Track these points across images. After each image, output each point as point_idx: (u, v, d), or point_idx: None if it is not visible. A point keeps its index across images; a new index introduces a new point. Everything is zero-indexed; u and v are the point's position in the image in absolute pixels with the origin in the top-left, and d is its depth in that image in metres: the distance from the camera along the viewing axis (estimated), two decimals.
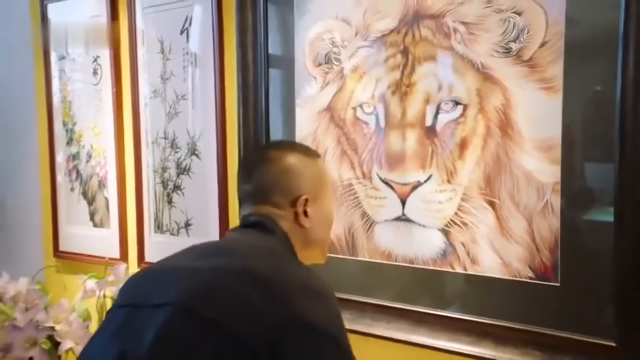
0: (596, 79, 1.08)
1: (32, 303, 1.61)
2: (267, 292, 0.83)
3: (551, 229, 1.12)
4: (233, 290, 0.84)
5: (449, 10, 1.22)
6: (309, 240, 1.04)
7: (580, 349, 1.10)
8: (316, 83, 1.44)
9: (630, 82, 1.02)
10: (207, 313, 0.82)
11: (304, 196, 1.01)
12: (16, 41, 2.12)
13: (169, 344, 0.82)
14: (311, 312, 0.84)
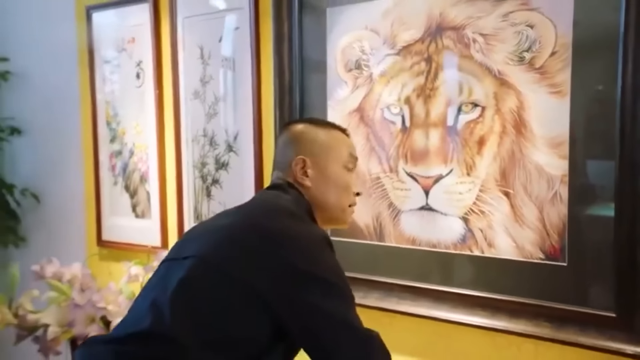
0: (599, 82, 1.24)
1: (87, 285, 1.78)
2: (271, 245, 1.00)
3: (559, 215, 1.28)
4: (243, 244, 1.01)
5: (469, 23, 1.38)
6: (318, 201, 1.17)
7: (584, 320, 1.26)
8: (347, 87, 1.60)
9: (629, 83, 1.18)
10: (219, 263, 1.00)
11: (300, 156, 1.16)
12: (62, 46, 2.29)
13: (187, 289, 0.99)
14: (309, 261, 1.00)
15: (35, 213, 2.44)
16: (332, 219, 1.21)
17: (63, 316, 1.72)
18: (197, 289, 1.00)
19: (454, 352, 1.46)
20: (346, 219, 1.23)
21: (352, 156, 1.22)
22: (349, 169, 1.21)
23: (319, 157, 1.18)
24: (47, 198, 2.42)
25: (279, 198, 1.14)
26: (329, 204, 1.18)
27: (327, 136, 1.21)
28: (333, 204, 1.19)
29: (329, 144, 1.20)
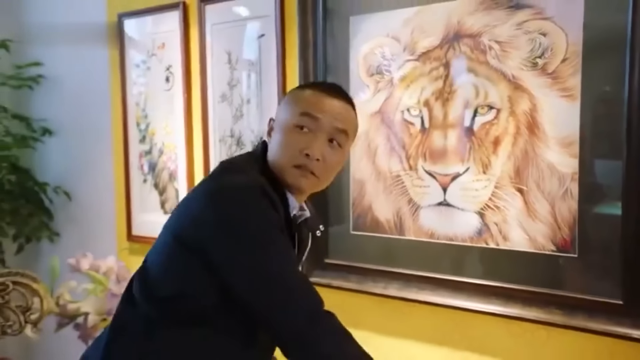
0: (607, 85, 1.34)
1: (122, 277, 1.88)
2: (199, 199, 1.07)
3: (570, 210, 1.38)
4: (185, 203, 1.12)
5: (485, 31, 1.48)
6: (270, 160, 1.17)
7: (593, 307, 1.35)
8: (369, 90, 1.70)
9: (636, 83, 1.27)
10: (167, 223, 1.13)
11: (271, 117, 1.22)
12: (93, 51, 2.40)
13: (148, 254, 1.15)
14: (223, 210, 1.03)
15: (66, 210, 2.56)
16: (282, 180, 1.15)
17: (101, 305, 1.83)
18: (151, 252, 1.15)
19: (470, 338, 1.56)
20: (289, 180, 1.15)
21: (305, 114, 1.14)
22: (299, 128, 1.14)
23: (278, 115, 1.19)
24: (78, 195, 2.54)
25: (236, 157, 1.24)
26: (274, 163, 1.16)
27: (292, 95, 1.21)
28: (276, 163, 1.16)
29: (288, 102, 1.19)
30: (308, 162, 1.14)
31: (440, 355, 1.60)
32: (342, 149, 1.18)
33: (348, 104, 1.20)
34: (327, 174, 1.18)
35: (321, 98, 1.17)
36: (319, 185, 1.19)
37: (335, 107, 1.17)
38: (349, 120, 1.19)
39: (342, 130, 1.17)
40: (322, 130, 1.14)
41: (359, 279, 1.73)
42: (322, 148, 1.14)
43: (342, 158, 1.20)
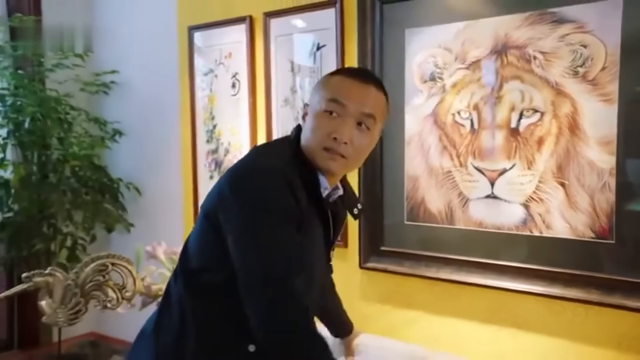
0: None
1: None
2: (225, 178, 1.15)
3: (608, 202, 1.56)
4: (217, 182, 1.19)
5: (530, 43, 1.66)
6: (302, 143, 1.22)
7: (628, 287, 1.53)
8: (422, 95, 1.90)
9: None
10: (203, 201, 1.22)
11: (306, 102, 1.28)
12: (164, 60, 2.64)
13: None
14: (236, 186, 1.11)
15: (137, 204, 2.80)
16: (313, 162, 1.21)
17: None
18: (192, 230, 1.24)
19: (515, 317, 1.74)
20: (319, 162, 1.20)
21: (333, 100, 1.19)
22: (329, 113, 1.19)
23: (311, 101, 1.24)
24: (148, 191, 2.78)
25: (272, 141, 1.39)
26: (306, 146, 1.21)
27: (323, 81, 1.25)
28: (307, 146, 1.21)
29: (318, 88, 1.23)
30: (336, 145, 1.18)
31: (487, 333, 1.79)
32: (370, 132, 1.22)
33: (376, 89, 1.23)
34: (356, 156, 1.22)
35: (348, 84, 1.21)
36: (349, 167, 1.24)
37: (363, 92, 1.21)
38: (376, 105, 1.22)
39: (369, 115, 1.20)
40: (349, 115, 1.19)
41: (412, 264, 1.93)
42: (350, 132, 1.18)
43: (371, 140, 1.24)
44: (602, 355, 1.59)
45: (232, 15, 2.36)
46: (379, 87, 1.25)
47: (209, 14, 2.45)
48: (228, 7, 2.38)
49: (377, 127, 1.24)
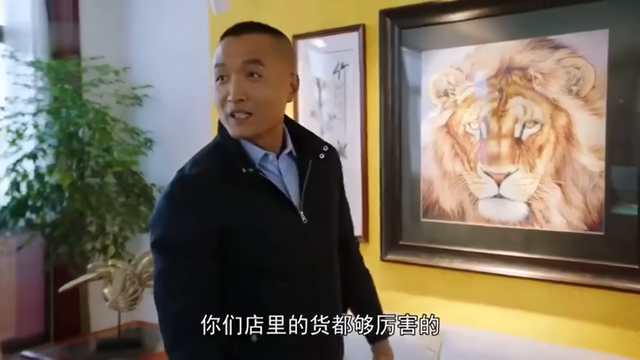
0: (627, 108, 1.80)
1: None
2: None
3: (598, 200, 1.84)
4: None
5: (531, 65, 1.95)
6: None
7: (617, 271, 1.81)
8: (437, 109, 2.18)
9: None
10: None
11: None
12: (195, 74, 2.90)
13: None
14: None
15: None
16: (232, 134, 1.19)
17: None
18: None
19: (519, 299, 2.01)
20: (231, 132, 1.18)
21: (216, 66, 1.17)
22: (220, 80, 1.17)
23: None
24: None
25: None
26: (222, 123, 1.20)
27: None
28: (221, 122, 1.20)
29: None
30: (235, 106, 1.14)
31: (495, 314, 2.06)
32: (264, 78, 1.15)
33: (251, 33, 1.18)
34: (262, 107, 1.16)
35: (223, 44, 1.18)
36: (261, 122, 1.17)
37: (236, 43, 1.16)
38: (254, 48, 1.16)
39: (252, 61, 1.15)
40: (232, 71, 1.14)
41: (427, 256, 2.20)
42: (240, 87, 1.13)
43: (268, 85, 1.16)
44: (594, 330, 1.87)
45: None
46: (256, 30, 1.19)
47: None
48: None
49: (271, 69, 1.17)
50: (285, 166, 1.26)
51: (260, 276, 1.20)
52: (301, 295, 1.23)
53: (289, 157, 1.28)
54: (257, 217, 1.19)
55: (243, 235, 1.19)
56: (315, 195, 1.27)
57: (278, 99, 1.21)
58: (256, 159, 1.22)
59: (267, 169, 1.24)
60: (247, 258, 1.20)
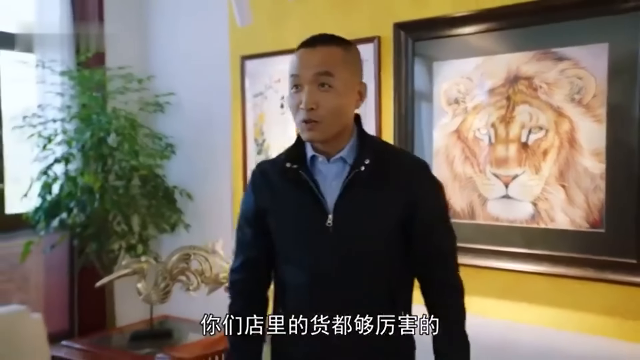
0: (625, 115, 1.95)
1: None
2: None
3: (599, 199, 1.99)
4: None
5: (536, 75, 2.11)
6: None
7: (616, 265, 1.96)
8: (448, 116, 2.33)
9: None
10: None
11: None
12: (217, 84, 3.06)
13: None
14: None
15: (188, 208, 3.19)
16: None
17: None
18: None
19: (526, 293, 2.16)
20: (302, 136, 1.32)
21: (292, 76, 1.29)
22: (295, 89, 1.29)
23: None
24: (198, 197, 3.17)
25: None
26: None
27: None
28: (295, 123, 1.33)
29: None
30: (305, 114, 1.26)
31: (504, 307, 2.20)
32: (334, 88, 1.26)
33: (324, 46, 1.29)
34: (329, 116, 1.27)
35: (298, 55, 1.30)
36: (328, 128, 1.28)
37: (309, 56, 1.28)
38: (326, 60, 1.27)
39: (323, 73, 1.26)
40: (306, 82, 1.27)
41: None
42: (311, 97, 1.25)
43: (338, 95, 1.27)
44: (596, 320, 2.01)
45: (281, 47, 2.79)
46: (329, 42, 1.30)
47: (260, 45, 2.88)
48: (277, 40, 2.81)
49: (340, 80, 1.28)
50: (334, 171, 1.35)
51: (286, 265, 1.38)
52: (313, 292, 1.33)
53: (342, 163, 1.35)
54: (287, 207, 1.35)
55: (275, 220, 1.38)
56: (353, 203, 1.33)
57: (346, 107, 1.31)
58: (307, 158, 1.37)
59: (318, 169, 1.36)
60: (278, 243, 1.39)
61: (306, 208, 1.34)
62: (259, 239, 1.41)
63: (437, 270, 1.43)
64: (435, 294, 1.43)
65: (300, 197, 1.34)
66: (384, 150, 1.41)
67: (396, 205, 1.36)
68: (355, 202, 1.34)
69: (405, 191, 1.36)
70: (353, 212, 1.33)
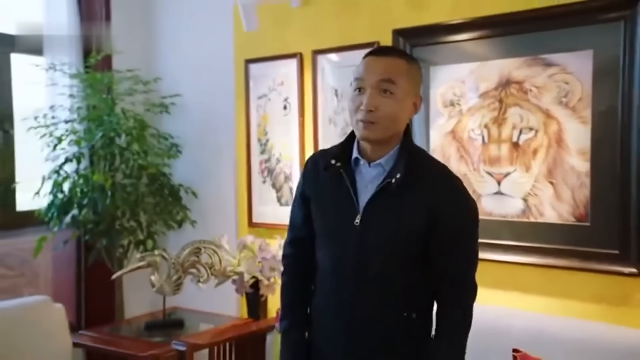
0: (608, 117, 2.11)
1: (264, 248, 2.64)
2: None
3: (585, 195, 2.15)
4: None
5: (527, 79, 2.26)
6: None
7: (601, 256, 2.12)
8: (444, 117, 2.48)
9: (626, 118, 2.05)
10: None
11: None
12: (221, 86, 3.18)
13: None
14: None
15: (193, 206, 3.30)
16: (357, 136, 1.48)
17: (252, 267, 2.58)
18: None
19: (517, 282, 2.31)
20: (357, 134, 1.46)
21: (356, 79, 1.43)
22: (358, 91, 1.42)
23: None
24: (202, 194, 3.28)
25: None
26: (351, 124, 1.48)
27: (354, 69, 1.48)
28: (352, 125, 1.47)
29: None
30: (364, 114, 1.39)
31: (497, 296, 2.35)
32: (395, 95, 1.40)
33: (392, 57, 1.43)
34: (386, 119, 1.41)
35: (366, 61, 1.45)
36: (382, 130, 1.42)
37: (377, 63, 1.42)
38: (392, 70, 1.41)
39: (386, 80, 1.39)
40: (369, 86, 1.40)
41: None
42: (373, 100, 1.38)
43: (397, 102, 1.40)
44: (583, 307, 2.17)
45: (285, 51, 2.92)
46: (396, 54, 1.46)
47: (263, 49, 3.00)
48: (281, 44, 2.94)
49: (400, 88, 1.41)
50: (373, 174, 1.48)
51: (319, 248, 1.56)
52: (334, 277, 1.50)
53: (380, 169, 1.47)
54: (325, 199, 1.53)
55: (315, 208, 1.57)
56: (380, 210, 1.45)
57: (400, 114, 1.44)
58: (352, 158, 1.51)
59: (360, 170, 1.50)
60: (316, 228, 1.57)
61: (340, 204, 1.49)
62: (305, 222, 1.59)
63: (447, 287, 1.50)
64: (441, 307, 1.52)
65: (337, 193, 1.49)
66: (419, 164, 1.50)
67: (421, 218, 1.44)
68: (383, 208, 1.46)
69: (433, 205, 1.45)
70: (379, 216, 1.46)
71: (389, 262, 1.47)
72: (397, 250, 1.47)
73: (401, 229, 1.46)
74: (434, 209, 1.45)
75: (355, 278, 1.47)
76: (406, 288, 1.49)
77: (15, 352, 2.14)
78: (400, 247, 1.47)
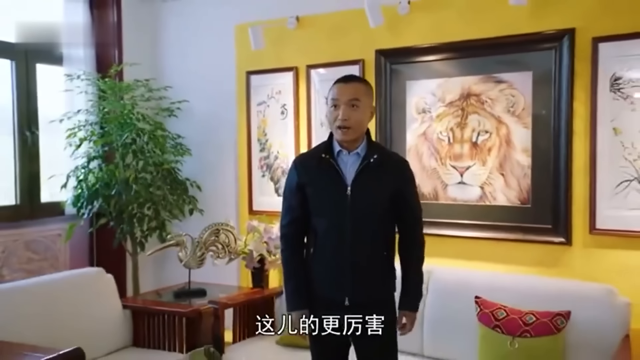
0: (544, 122, 2.74)
1: (267, 230, 3.14)
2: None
3: (527, 184, 2.78)
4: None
5: (483, 93, 2.87)
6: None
7: (538, 230, 2.75)
8: (417, 122, 3.07)
9: (557, 123, 2.69)
10: None
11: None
12: (224, 93, 3.67)
13: None
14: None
15: (198, 198, 3.77)
16: (335, 138, 2.09)
17: (258, 246, 3.08)
18: None
19: (475, 253, 2.92)
20: (336, 137, 2.08)
21: (332, 99, 2.05)
22: (334, 107, 2.04)
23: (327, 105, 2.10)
24: (206, 188, 3.76)
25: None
26: (332, 131, 2.10)
27: (329, 91, 2.10)
28: (332, 130, 2.09)
29: (328, 96, 2.10)
30: (341, 122, 2.02)
31: (461, 263, 2.95)
32: (359, 108, 2.03)
33: (355, 82, 2.08)
34: (355, 125, 2.03)
35: (337, 87, 2.07)
36: (354, 132, 2.03)
37: (345, 88, 2.05)
38: (356, 91, 2.04)
39: (353, 98, 2.03)
40: (342, 103, 2.03)
41: None
42: (345, 113, 2.01)
43: (362, 112, 2.04)
44: (526, 270, 2.79)
45: (282, 65, 3.45)
46: (357, 80, 2.12)
47: (263, 62, 3.52)
48: (278, 59, 3.47)
49: (363, 103, 2.04)
50: (352, 160, 2.10)
51: (318, 217, 2.11)
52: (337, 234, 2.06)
53: (357, 155, 2.10)
54: (321, 181, 2.09)
55: (311, 191, 2.10)
56: (363, 181, 2.06)
57: (364, 120, 2.10)
58: (335, 152, 2.10)
59: (341, 159, 2.10)
60: (313, 205, 2.11)
61: (333, 182, 2.08)
62: (300, 204, 2.12)
63: (410, 229, 2.19)
64: (407, 245, 2.19)
65: (330, 175, 2.08)
66: (383, 151, 2.21)
67: (389, 185, 2.11)
68: (365, 181, 2.07)
69: (394, 176, 2.12)
70: (363, 187, 2.07)
71: (374, 218, 2.08)
72: (378, 209, 2.08)
73: (380, 194, 2.08)
74: (397, 178, 2.12)
75: (353, 232, 2.05)
76: (384, 235, 2.12)
77: (77, 311, 2.57)
78: (380, 206, 2.08)
